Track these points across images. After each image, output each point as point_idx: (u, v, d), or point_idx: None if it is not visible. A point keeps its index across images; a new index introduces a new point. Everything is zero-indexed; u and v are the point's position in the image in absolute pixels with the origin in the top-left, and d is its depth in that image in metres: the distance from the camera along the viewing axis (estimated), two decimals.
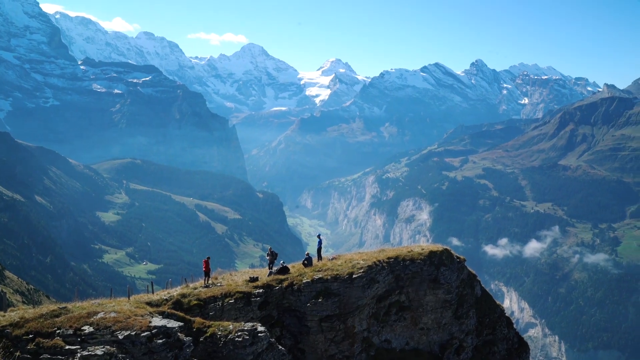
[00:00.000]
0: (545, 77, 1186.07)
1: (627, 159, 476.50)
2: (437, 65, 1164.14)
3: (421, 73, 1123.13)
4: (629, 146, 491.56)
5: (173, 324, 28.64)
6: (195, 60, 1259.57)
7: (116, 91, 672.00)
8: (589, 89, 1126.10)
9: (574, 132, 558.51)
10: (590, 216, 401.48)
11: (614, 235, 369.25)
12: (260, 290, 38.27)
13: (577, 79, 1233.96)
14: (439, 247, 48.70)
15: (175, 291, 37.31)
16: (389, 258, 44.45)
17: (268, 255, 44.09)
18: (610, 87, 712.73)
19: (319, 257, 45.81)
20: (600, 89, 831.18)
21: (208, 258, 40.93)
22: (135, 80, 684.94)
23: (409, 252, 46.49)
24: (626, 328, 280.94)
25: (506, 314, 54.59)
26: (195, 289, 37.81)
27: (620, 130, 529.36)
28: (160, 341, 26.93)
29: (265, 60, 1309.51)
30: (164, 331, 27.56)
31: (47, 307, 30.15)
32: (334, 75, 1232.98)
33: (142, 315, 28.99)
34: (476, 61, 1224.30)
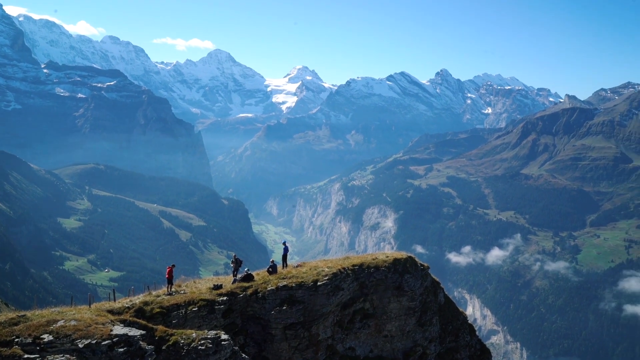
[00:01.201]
0: (509, 87, 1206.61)
1: (587, 168, 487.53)
2: (402, 74, 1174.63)
3: (387, 82, 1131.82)
4: (589, 156, 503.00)
5: (135, 332, 28.28)
6: (161, 66, 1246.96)
7: (80, 95, 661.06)
8: (551, 99, 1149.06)
9: (536, 141, 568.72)
10: (552, 224, 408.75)
11: (574, 243, 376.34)
12: (224, 298, 38.04)
13: (540, 89, 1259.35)
14: (403, 254, 48.99)
15: (138, 299, 36.86)
16: (353, 265, 44.57)
17: (232, 262, 43.87)
18: (572, 98, 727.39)
19: (284, 264, 45.77)
20: (561, 100, 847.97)
21: (173, 265, 40.55)
22: (99, 85, 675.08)
23: (373, 259, 46.67)
24: (586, 335, 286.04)
25: (469, 321, 55.13)
26: (158, 296, 37.41)
27: (581, 140, 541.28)
28: (122, 350, 26.58)
29: (232, 67, 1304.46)
30: (125, 340, 27.20)
31: (6, 315, 29.55)
32: (300, 82, 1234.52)
33: (103, 324, 28.58)
34: (441, 71, 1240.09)
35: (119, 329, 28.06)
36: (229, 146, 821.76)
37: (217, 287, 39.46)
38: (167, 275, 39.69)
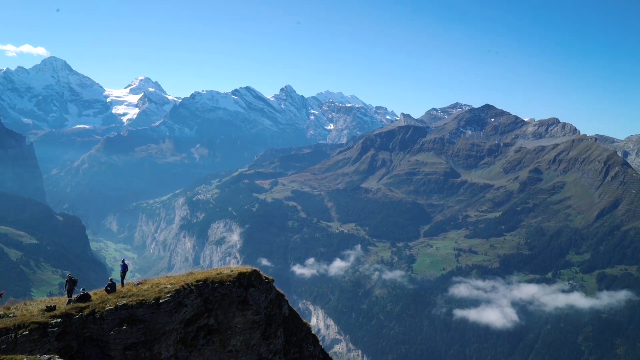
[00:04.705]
0: (349, 105, 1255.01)
1: (420, 182, 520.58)
2: (248, 89, 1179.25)
3: (232, 96, 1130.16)
4: (422, 171, 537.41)
5: None
6: None
7: None
8: (388, 117, 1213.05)
9: (374, 157, 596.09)
10: (389, 235, 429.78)
11: (410, 253, 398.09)
12: (58, 320, 35.98)
13: (378, 107, 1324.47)
14: (248, 268, 49.14)
15: None
16: (197, 281, 44.01)
17: (67, 282, 41.63)
18: (406, 116, 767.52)
19: (124, 282, 44.23)
20: (397, 118, 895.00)
21: None
22: None
23: (218, 274, 46.39)
24: (421, 339, 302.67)
25: (313, 332, 56.37)
26: None
27: (415, 156, 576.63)
28: None
29: (68, 75, 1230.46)
30: None
31: None
32: (143, 94, 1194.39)
33: None
34: (285, 87, 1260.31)
35: None
36: (65, 159, 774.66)
37: (51, 308, 37.24)
38: None
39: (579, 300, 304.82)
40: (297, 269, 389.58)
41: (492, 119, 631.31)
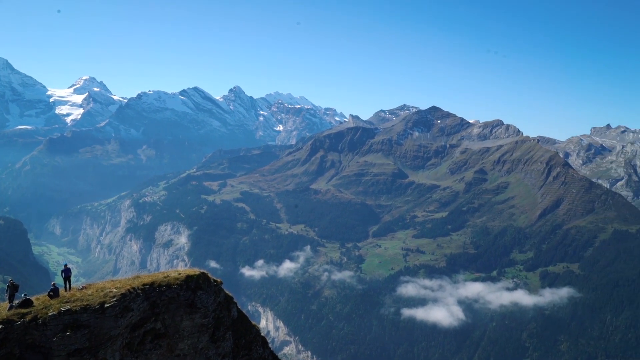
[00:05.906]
0: (299, 106, 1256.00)
1: (369, 183, 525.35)
2: (196, 89, 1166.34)
3: (180, 96, 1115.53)
4: (370, 172, 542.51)
5: None
6: None
7: None
8: (337, 118, 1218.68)
9: (323, 158, 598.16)
10: (338, 236, 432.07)
11: (358, 253, 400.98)
12: None
13: (327, 109, 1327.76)
14: (195, 271, 48.62)
15: None
16: (144, 284, 43.32)
17: (8, 287, 40.47)
18: (355, 117, 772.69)
19: (67, 287, 43.17)
20: (346, 119, 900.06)
21: None
22: None
23: (165, 277, 45.75)
24: (370, 339, 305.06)
25: (262, 334, 56.16)
26: None
27: (364, 157, 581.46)
28: None
29: (9, 75, 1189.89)
30: None
31: None
32: (87, 94, 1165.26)
33: None
34: (234, 87, 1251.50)
35: None
36: (6, 161, 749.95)
37: None
38: None
39: (523, 298, 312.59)
40: (246, 271, 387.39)
41: (439, 121, 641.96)
